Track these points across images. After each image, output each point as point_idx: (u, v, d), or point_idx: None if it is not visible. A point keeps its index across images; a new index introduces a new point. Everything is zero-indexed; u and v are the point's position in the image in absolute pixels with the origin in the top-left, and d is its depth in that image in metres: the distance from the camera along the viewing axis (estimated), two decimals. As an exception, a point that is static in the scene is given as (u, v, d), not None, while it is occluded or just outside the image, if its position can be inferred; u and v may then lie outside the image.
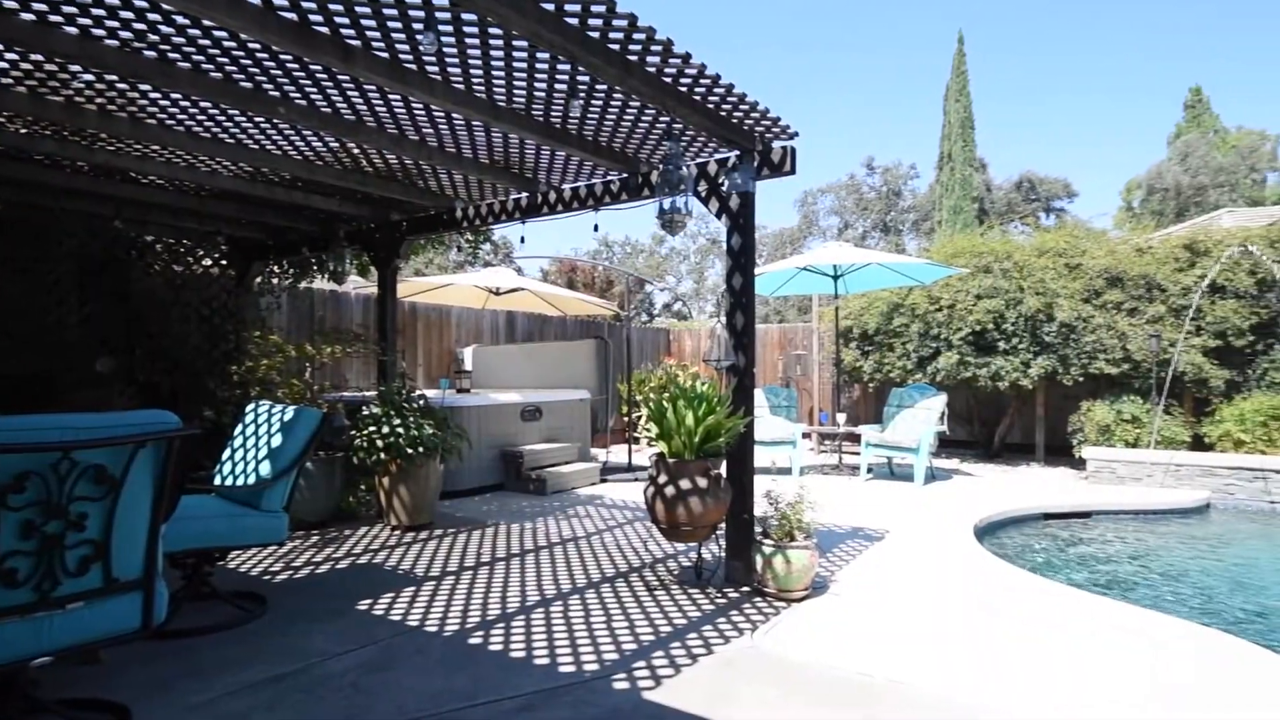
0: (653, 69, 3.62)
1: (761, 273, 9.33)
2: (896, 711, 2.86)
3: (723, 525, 4.60)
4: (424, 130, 4.66)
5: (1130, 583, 5.18)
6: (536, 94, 4.02)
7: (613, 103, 4.13)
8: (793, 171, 4.33)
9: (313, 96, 4.09)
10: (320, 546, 5.35)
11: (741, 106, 4.01)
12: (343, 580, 4.55)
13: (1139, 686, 3.08)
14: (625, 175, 5.23)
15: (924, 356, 10.09)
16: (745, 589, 4.35)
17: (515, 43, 3.40)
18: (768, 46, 59.71)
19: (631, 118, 4.33)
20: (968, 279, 9.83)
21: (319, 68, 3.72)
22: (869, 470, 8.72)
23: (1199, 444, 8.65)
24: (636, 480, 8.25)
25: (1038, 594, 4.31)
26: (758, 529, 4.41)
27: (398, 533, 5.77)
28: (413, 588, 4.37)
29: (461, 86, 3.92)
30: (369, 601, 4.10)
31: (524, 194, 5.96)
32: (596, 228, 5.72)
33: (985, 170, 33.85)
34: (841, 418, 9.14)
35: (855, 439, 9.15)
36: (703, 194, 4.63)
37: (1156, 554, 5.98)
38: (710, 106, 4.03)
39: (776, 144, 4.44)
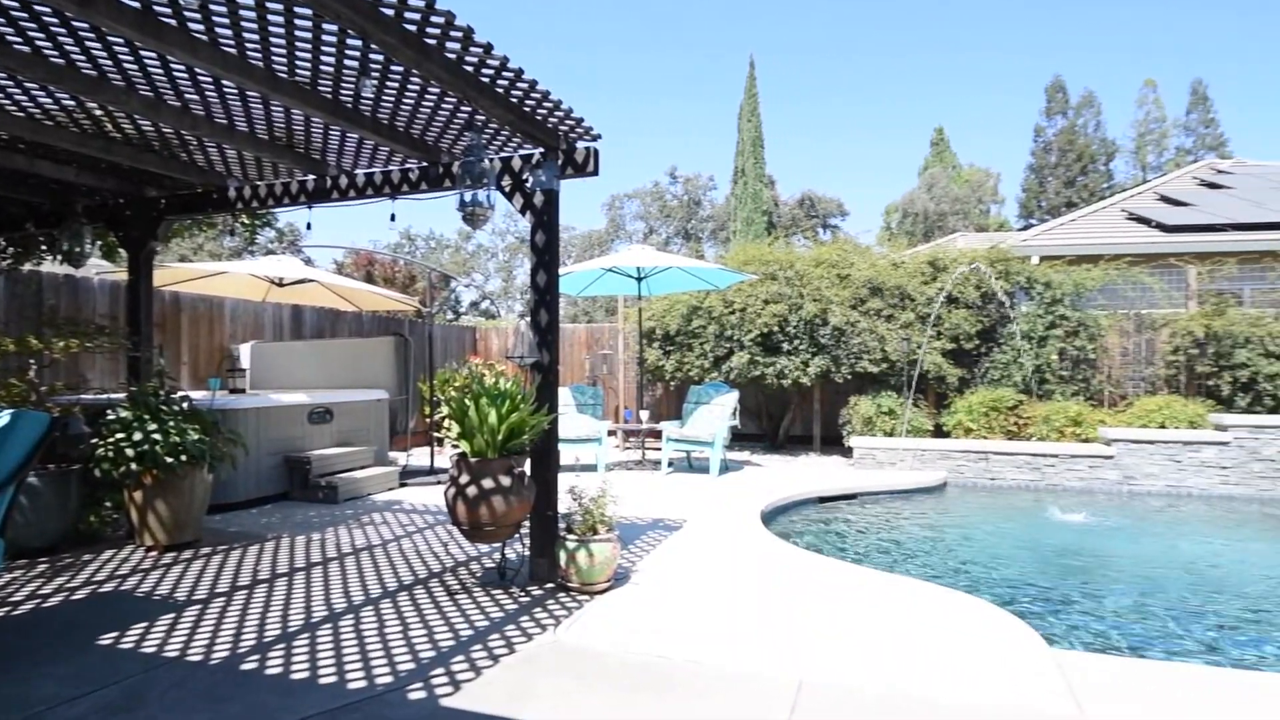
0: (453, 55, 3.50)
1: (568, 272, 9.41)
2: (690, 687, 3.02)
3: (528, 523, 4.57)
4: (188, 96, 4.13)
5: (884, 550, 5.92)
6: (324, 68, 3.72)
7: (410, 86, 3.94)
8: (596, 172, 4.41)
9: (38, 42, 3.46)
10: (50, 576, 4.53)
11: (545, 104, 4.01)
12: (79, 613, 3.89)
13: (890, 635, 3.52)
14: (425, 164, 5.01)
15: (719, 356, 10.78)
16: (549, 585, 4.36)
17: (298, 9, 3.12)
18: (581, 49, 60.53)
19: (431, 104, 4.16)
20: (757, 285, 10.66)
21: (47, 10, 3.15)
22: (670, 464, 9.14)
23: (939, 432, 10.10)
24: (439, 483, 7.95)
25: (812, 568, 4.77)
26: (562, 525, 4.44)
27: (154, 554, 5.06)
28: (172, 615, 3.85)
29: (233, 51, 3.52)
30: (114, 635, 3.55)
31: (310, 176, 5.49)
32: (394, 218, 5.34)
33: (774, 186, 36.89)
34: (645, 415, 9.49)
35: (657, 435, 9.55)
36: (506, 189, 4.57)
37: (904, 526, 6.90)
38: (514, 101, 3.98)
39: (580, 144, 4.50)
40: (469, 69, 3.64)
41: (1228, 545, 6.48)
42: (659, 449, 9.55)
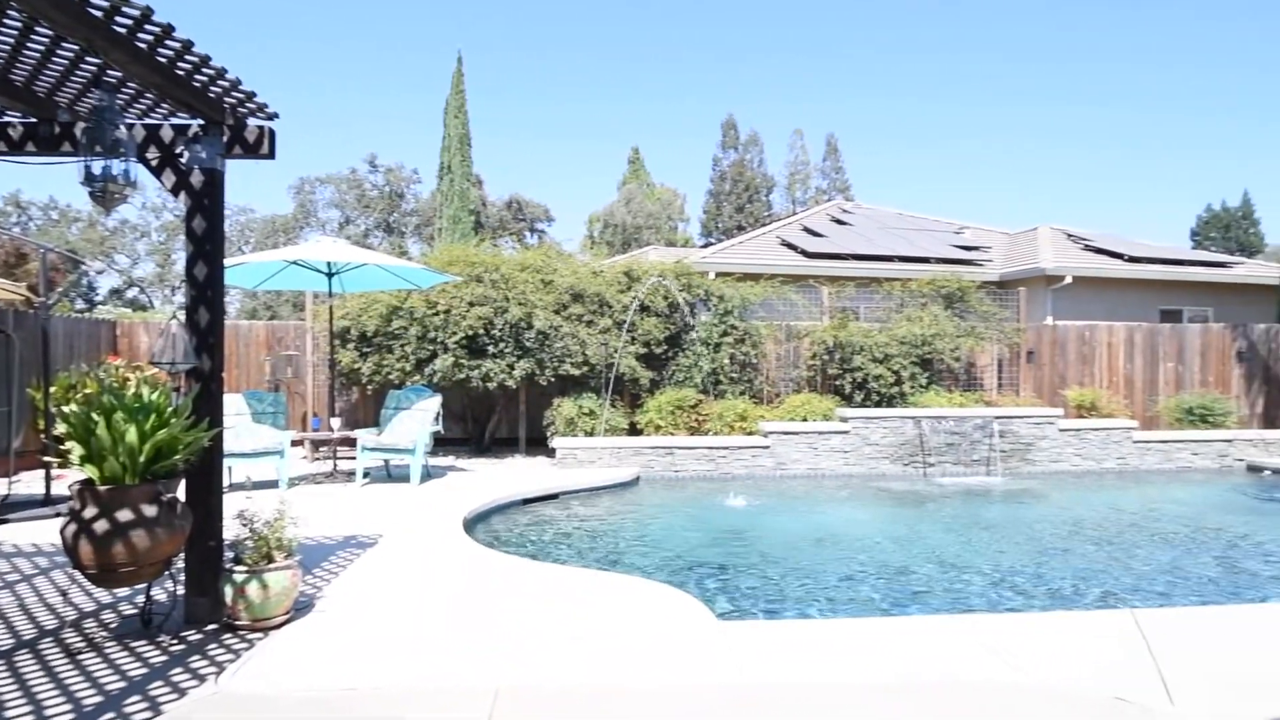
0: (72, -8, 2.84)
1: (240, 263, 8.28)
2: (377, 715, 2.83)
3: (183, 558, 3.90)
4: None
5: (582, 546, 6.22)
6: None
7: (10, 20, 3.11)
8: (271, 155, 3.93)
9: None
10: None
11: (205, 70, 3.45)
12: None
13: (586, 630, 3.69)
14: (34, 120, 4.00)
15: (422, 359, 10.36)
16: (212, 627, 3.77)
17: None
18: (277, 27, 53.60)
19: (42, 47, 3.33)
20: (462, 287, 10.46)
21: None
22: (366, 475, 8.53)
23: (634, 430, 10.90)
24: (60, 516, 6.40)
25: (513, 572, 4.81)
26: (228, 555, 3.88)
27: None
28: None
29: None
30: None
31: None
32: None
33: (482, 186, 36.65)
34: (336, 422, 8.73)
35: (352, 444, 8.85)
36: (154, 163, 3.84)
37: (600, 521, 7.32)
38: (162, 61, 3.36)
39: (252, 122, 3.97)
40: (96, 13, 2.98)
41: (850, 514, 8.01)
42: (354, 458, 8.86)
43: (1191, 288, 16.47)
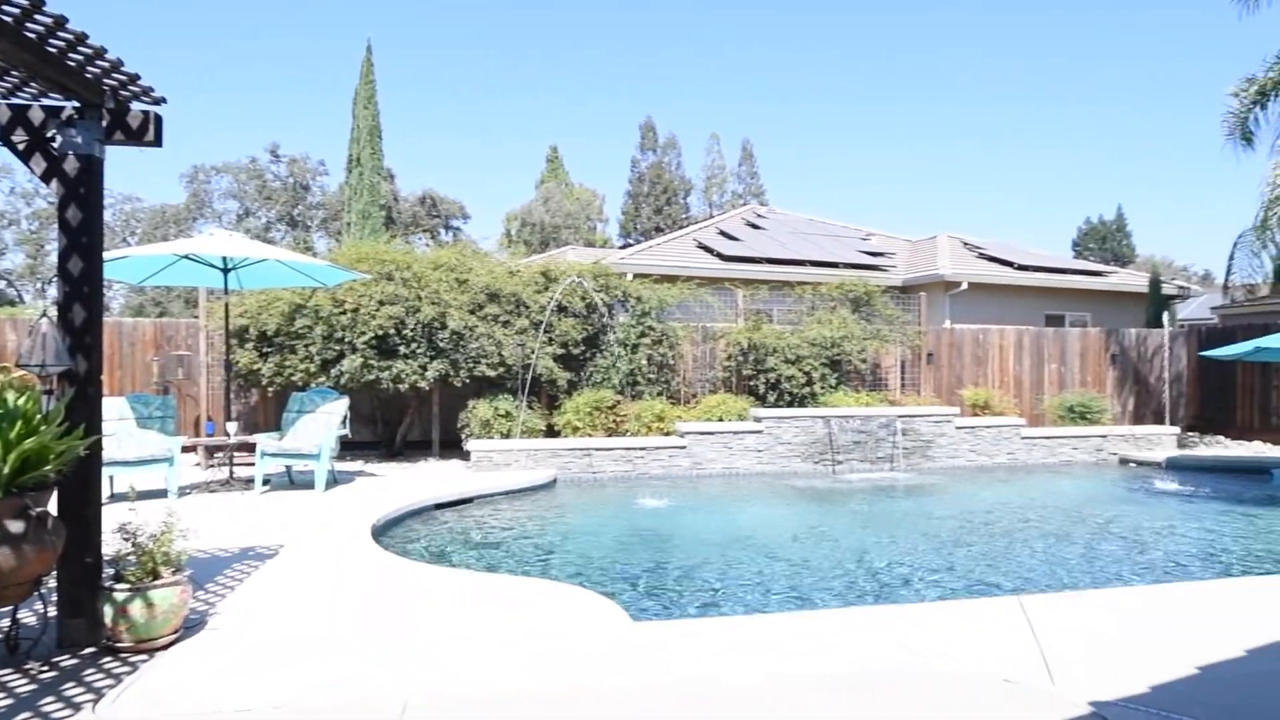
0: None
1: (126, 255, 7.70)
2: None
3: (55, 577, 3.58)
4: None
5: (497, 551, 6.11)
6: None
7: None
8: (158, 143, 3.66)
9: None
10: None
11: (82, 49, 3.18)
12: None
13: (500, 636, 3.62)
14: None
15: (328, 359, 9.92)
16: (90, 650, 3.49)
17: None
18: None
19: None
20: (371, 285, 10.08)
21: None
22: (266, 482, 8.10)
23: (551, 432, 10.81)
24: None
25: (425, 580, 4.67)
26: (108, 572, 3.59)
27: None
28: None
29: None
30: None
31: None
32: None
33: (394, 180, 35.53)
34: (233, 426, 8.24)
35: (251, 449, 8.38)
36: (20, 146, 3.51)
37: (516, 525, 7.22)
38: (31, 37, 3.07)
39: (136, 106, 3.69)
40: (-48, -21, 2.70)
41: (764, 512, 8.21)
42: (253, 465, 8.39)
43: (1073, 294, 17.78)
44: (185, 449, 8.36)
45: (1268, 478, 9.59)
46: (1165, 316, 15.11)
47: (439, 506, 7.61)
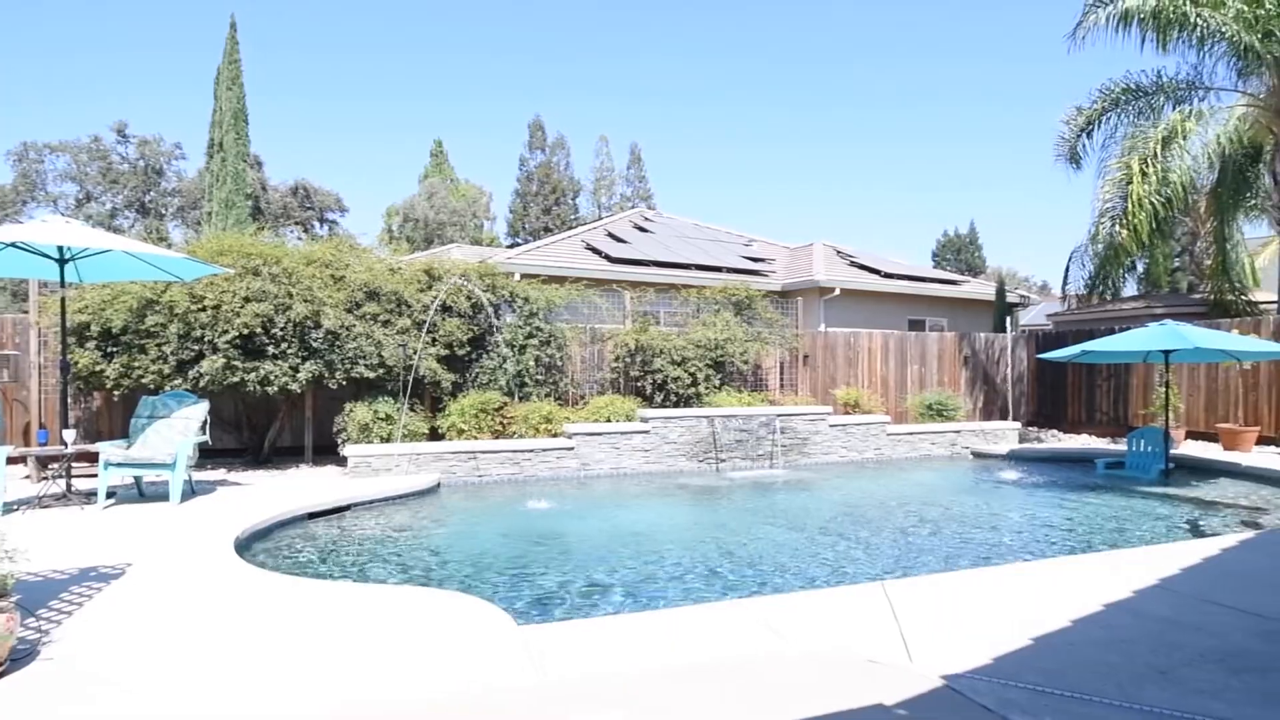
0: None
1: (-62, 243, 6.77)
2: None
3: None
4: None
5: (374, 560, 5.86)
6: None
7: None
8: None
9: None
10: None
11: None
12: None
13: (371, 647, 3.48)
14: None
15: (185, 360, 9.15)
16: (-115, 695, 3.04)
17: None
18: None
19: None
20: (235, 279, 9.39)
21: None
22: (110, 495, 7.36)
23: (435, 435, 10.48)
24: None
25: (291, 595, 4.40)
26: (-89, 604, 3.15)
27: None
28: None
29: None
30: None
31: None
32: None
33: (261, 168, 33.27)
34: (71, 434, 7.42)
35: (93, 459, 7.59)
36: None
37: (395, 533, 6.95)
38: None
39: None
40: None
41: (650, 511, 8.33)
42: (95, 477, 7.60)
43: (932, 301, 19.26)
44: (12, 460, 7.48)
45: (1093, 467, 10.79)
46: (1009, 322, 16.69)
47: (312, 516, 7.20)
